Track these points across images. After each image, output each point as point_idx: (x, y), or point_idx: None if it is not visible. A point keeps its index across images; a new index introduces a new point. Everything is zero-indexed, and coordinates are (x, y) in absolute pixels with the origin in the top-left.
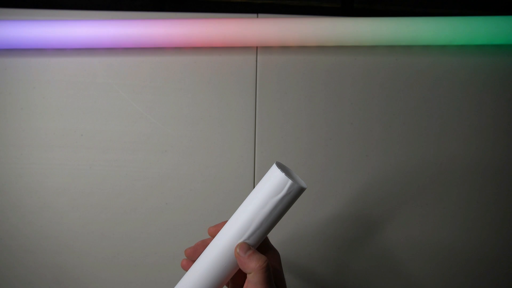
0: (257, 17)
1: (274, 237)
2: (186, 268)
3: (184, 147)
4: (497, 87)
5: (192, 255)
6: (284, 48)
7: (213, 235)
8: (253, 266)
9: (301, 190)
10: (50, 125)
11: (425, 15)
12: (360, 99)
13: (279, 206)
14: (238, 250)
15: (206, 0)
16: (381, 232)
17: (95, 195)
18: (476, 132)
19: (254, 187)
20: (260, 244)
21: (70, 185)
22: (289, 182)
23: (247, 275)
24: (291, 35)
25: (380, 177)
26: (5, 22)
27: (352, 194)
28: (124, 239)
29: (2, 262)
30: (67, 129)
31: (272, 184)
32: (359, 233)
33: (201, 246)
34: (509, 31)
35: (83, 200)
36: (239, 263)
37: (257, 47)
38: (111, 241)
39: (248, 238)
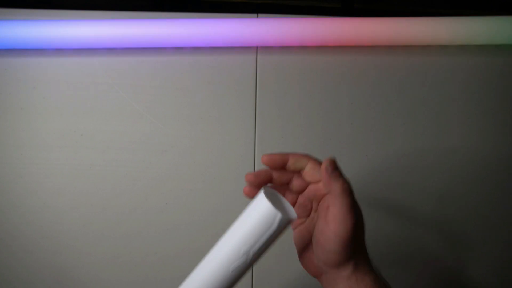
0: (257, 17)
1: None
2: (248, 194)
3: (184, 147)
4: (497, 87)
5: (253, 181)
6: (284, 48)
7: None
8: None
9: (290, 222)
10: (50, 125)
11: (425, 15)
12: (360, 99)
13: (270, 240)
14: (327, 164)
15: (206, 0)
16: (380, 231)
17: (95, 195)
18: (476, 132)
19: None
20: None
21: (70, 185)
22: (279, 215)
23: (329, 197)
24: (291, 35)
25: (380, 177)
26: (5, 22)
27: None
28: (124, 239)
29: (2, 262)
30: (67, 129)
31: (261, 217)
32: None
33: (264, 174)
34: (509, 31)
35: (83, 200)
36: (323, 179)
37: (257, 47)
38: (111, 241)
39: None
